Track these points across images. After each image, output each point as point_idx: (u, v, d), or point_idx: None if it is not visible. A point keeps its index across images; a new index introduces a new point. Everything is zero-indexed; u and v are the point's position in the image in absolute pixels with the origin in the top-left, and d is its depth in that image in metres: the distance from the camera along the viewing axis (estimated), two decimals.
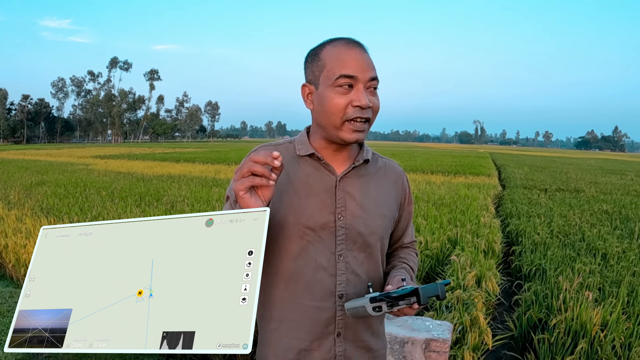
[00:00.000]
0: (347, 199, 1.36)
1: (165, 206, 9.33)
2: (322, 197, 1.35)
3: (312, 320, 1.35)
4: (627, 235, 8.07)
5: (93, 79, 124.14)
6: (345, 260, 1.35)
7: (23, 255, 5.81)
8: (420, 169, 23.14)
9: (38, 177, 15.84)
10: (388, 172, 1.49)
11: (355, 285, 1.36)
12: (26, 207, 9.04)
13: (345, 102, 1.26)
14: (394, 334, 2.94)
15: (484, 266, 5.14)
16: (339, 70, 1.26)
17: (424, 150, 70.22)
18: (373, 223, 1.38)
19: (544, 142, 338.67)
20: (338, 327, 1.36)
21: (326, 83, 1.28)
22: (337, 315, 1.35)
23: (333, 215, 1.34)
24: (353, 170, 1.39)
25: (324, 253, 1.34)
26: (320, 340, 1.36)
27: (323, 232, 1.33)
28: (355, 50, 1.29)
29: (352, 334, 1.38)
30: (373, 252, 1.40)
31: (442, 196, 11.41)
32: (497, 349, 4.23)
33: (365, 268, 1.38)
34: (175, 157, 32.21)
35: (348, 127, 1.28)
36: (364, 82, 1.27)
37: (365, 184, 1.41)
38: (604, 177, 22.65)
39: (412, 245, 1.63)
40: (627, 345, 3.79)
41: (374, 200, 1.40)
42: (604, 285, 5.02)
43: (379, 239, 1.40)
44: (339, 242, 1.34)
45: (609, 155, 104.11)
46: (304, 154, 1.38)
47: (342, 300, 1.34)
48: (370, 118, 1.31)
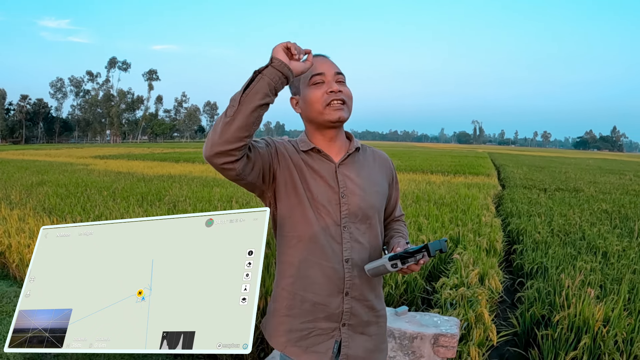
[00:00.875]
0: (346, 181, 1.65)
1: (167, 206, 9.33)
2: (327, 180, 1.63)
3: (326, 278, 1.60)
4: (626, 234, 8.11)
5: (92, 79, 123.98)
6: (349, 230, 1.62)
7: (27, 255, 5.79)
8: (420, 169, 23.12)
9: (38, 177, 15.82)
10: (376, 158, 1.81)
11: (359, 251, 1.63)
12: (28, 207, 9.02)
13: (322, 92, 1.60)
14: (403, 330, 2.98)
15: (486, 264, 5.18)
16: (311, 73, 1.60)
17: (422, 150, 70.17)
18: (370, 198, 1.67)
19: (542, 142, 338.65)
20: (347, 287, 1.62)
21: (305, 85, 1.63)
22: (345, 276, 1.61)
23: (337, 194, 1.62)
24: (348, 157, 1.70)
25: (332, 225, 1.61)
26: (332, 297, 1.61)
27: (330, 207, 1.61)
28: (321, 58, 1.64)
29: (359, 294, 1.64)
30: (372, 222, 1.68)
31: (442, 196, 11.43)
32: (502, 345, 4.27)
33: (367, 237, 1.66)
34: (175, 157, 32.17)
35: (329, 109, 1.59)
36: (332, 76, 1.61)
37: (360, 168, 1.71)
38: (603, 177, 22.66)
39: (402, 218, 1.95)
40: (629, 340, 3.83)
41: (368, 180, 1.70)
42: (605, 283, 5.05)
43: (376, 211, 1.70)
44: (343, 216, 1.62)
45: (607, 155, 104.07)
46: (306, 149, 1.67)
47: (349, 264, 1.61)
48: (346, 101, 1.61)
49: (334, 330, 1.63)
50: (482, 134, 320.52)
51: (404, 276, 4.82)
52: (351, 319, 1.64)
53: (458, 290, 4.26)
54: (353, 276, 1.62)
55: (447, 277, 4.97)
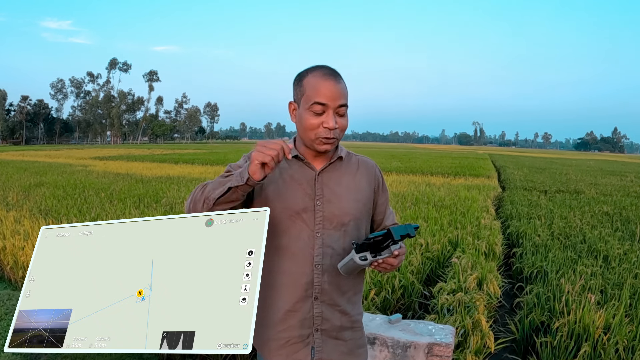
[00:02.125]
0: (324, 188, 1.68)
1: (164, 207, 9.29)
2: (304, 187, 1.66)
3: (295, 285, 1.63)
4: (628, 237, 8.04)
5: (92, 80, 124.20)
6: (322, 236, 1.64)
7: (21, 257, 5.77)
8: (420, 171, 23.13)
9: (37, 179, 15.81)
10: (361, 166, 1.79)
11: (331, 256, 1.65)
12: (24, 209, 9.01)
13: (318, 123, 1.58)
14: (396, 339, 2.91)
15: (485, 268, 5.11)
16: (314, 98, 1.57)
17: (423, 151, 70.22)
18: (346, 205, 1.68)
19: (543, 143, 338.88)
20: (315, 291, 1.63)
21: (304, 106, 1.60)
22: (314, 281, 1.63)
23: (313, 201, 1.65)
24: (330, 166, 1.72)
25: (306, 230, 1.63)
26: (302, 302, 1.63)
27: (305, 214, 1.64)
28: (330, 81, 1.58)
29: (328, 298, 1.66)
30: (348, 230, 1.68)
31: (442, 198, 11.39)
32: (500, 352, 4.19)
33: (340, 243, 1.66)
34: (174, 159, 32.18)
35: (320, 141, 1.61)
36: (334, 108, 1.58)
37: (340, 176, 1.73)
38: (604, 179, 22.63)
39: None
40: (630, 348, 3.76)
41: (347, 188, 1.71)
42: (606, 288, 4.98)
43: (353, 218, 1.69)
44: (317, 222, 1.64)
45: (608, 156, 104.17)
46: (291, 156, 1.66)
47: (318, 269, 1.63)
48: (338, 136, 1.62)
49: (309, 337, 1.65)
50: (483, 135, 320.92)
51: (401, 280, 4.75)
52: (323, 323, 1.66)
53: (455, 295, 4.19)
54: (322, 281, 1.64)
55: (444, 281, 4.90)
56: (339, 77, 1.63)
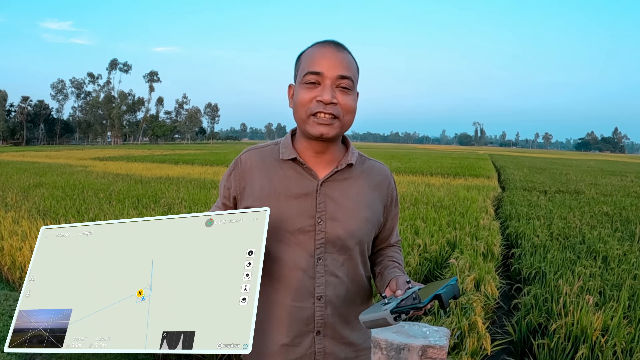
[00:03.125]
0: (327, 203, 1.37)
1: (162, 208, 9.29)
2: (301, 202, 1.36)
3: (293, 319, 1.38)
4: (627, 237, 8.02)
5: (93, 80, 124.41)
6: (324, 263, 1.37)
7: (19, 258, 5.77)
8: (420, 171, 23.11)
9: (36, 179, 15.81)
10: (373, 174, 1.49)
11: (335, 286, 1.39)
12: (23, 210, 9.01)
13: (311, 97, 1.29)
14: (390, 340, 2.89)
15: (483, 269, 5.09)
16: (307, 68, 1.31)
17: (423, 152, 70.23)
18: (353, 226, 1.39)
19: (543, 143, 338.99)
20: (317, 326, 1.39)
21: (299, 80, 1.34)
22: (316, 315, 1.38)
23: (313, 219, 1.36)
24: (335, 174, 1.40)
25: (303, 256, 1.35)
26: (301, 338, 1.39)
27: (302, 235, 1.35)
28: (328, 49, 1.32)
29: (332, 332, 1.41)
30: (352, 254, 1.41)
31: (441, 198, 11.37)
32: (497, 354, 4.17)
33: (345, 270, 1.40)
34: (174, 159, 32.18)
35: (313, 120, 1.31)
36: (331, 79, 1.29)
37: (348, 187, 1.42)
38: (604, 179, 22.61)
39: (397, 244, 1.64)
40: (628, 350, 3.74)
41: (355, 203, 1.41)
42: (604, 289, 4.96)
43: (358, 242, 1.41)
44: (318, 246, 1.36)
45: (609, 156, 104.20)
46: (287, 158, 1.40)
47: (321, 302, 1.37)
48: (339, 116, 1.32)
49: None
50: (484, 136, 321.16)
51: None
52: (326, 358, 1.42)
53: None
54: (325, 315, 1.39)
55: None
56: (342, 48, 1.35)
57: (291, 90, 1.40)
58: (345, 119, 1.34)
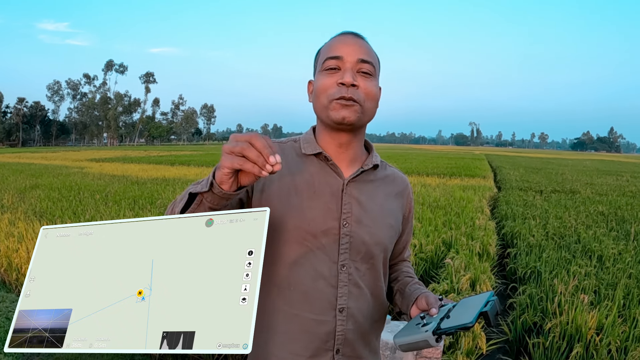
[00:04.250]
0: (353, 204, 1.27)
1: (159, 209, 9.29)
2: (326, 201, 1.26)
3: (309, 334, 1.24)
4: (623, 236, 8.06)
5: (89, 82, 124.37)
6: (348, 271, 1.25)
7: (15, 260, 5.77)
8: (416, 171, 23.13)
9: (32, 181, 15.77)
10: (396, 181, 1.42)
11: (357, 298, 1.26)
12: (19, 211, 9.00)
13: (332, 82, 1.22)
14: (384, 340, 2.90)
15: (478, 269, 5.11)
16: (327, 54, 1.25)
17: (420, 152, 70.27)
18: (379, 232, 1.29)
19: (539, 143, 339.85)
20: (337, 343, 1.25)
21: (318, 70, 1.27)
22: (337, 330, 1.24)
23: (337, 221, 1.25)
24: (362, 174, 1.32)
25: (325, 262, 1.24)
26: (317, 358, 1.25)
27: (325, 238, 1.24)
28: (348, 36, 1.27)
29: (351, 351, 1.28)
30: (375, 263, 1.31)
31: (437, 198, 11.39)
32: (492, 353, 4.19)
33: (367, 280, 1.29)
34: (171, 160, 32.13)
35: (334, 105, 1.22)
36: (352, 63, 1.23)
37: (374, 189, 1.33)
38: (600, 178, 22.68)
39: (408, 259, 1.56)
40: (622, 349, 3.76)
41: (381, 208, 1.32)
42: (599, 288, 4.99)
43: (383, 249, 1.31)
44: (342, 251, 1.25)
45: (604, 156, 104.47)
46: (310, 153, 1.30)
47: (343, 315, 1.24)
48: (360, 101, 1.23)
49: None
50: (480, 136, 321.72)
51: None
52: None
53: (448, 296, 4.19)
54: (347, 330, 1.25)
55: (438, 282, 4.90)
56: (362, 37, 1.29)
57: (311, 87, 1.33)
58: (367, 106, 1.25)
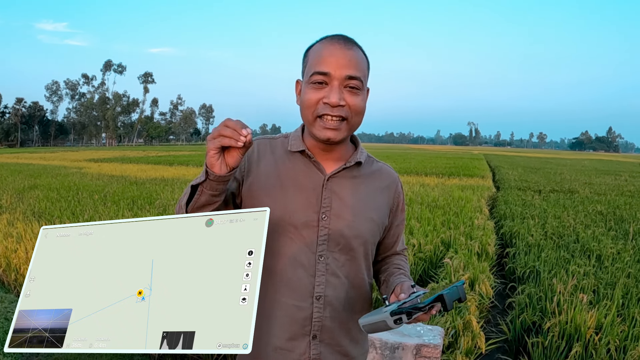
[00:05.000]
0: (333, 199, 1.35)
1: (157, 209, 9.27)
2: (308, 195, 1.33)
3: (289, 319, 1.33)
4: (621, 236, 8.06)
5: (87, 82, 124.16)
6: (326, 261, 1.33)
7: (14, 260, 5.75)
8: (414, 171, 23.13)
9: (31, 181, 15.74)
10: (382, 176, 1.47)
11: (335, 287, 1.35)
12: (18, 211, 8.98)
13: (317, 98, 1.25)
14: (384, 340, 2.90)
15: (477, 269, 5.11)
16: (314, 67, 1.26)
17: (418, 152, 70.31)
18: (358, 225, 1.36)
19: (538, 143, 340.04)
20: (314, 329, 1.34)
21: (305, 79, 1.30)
22: (314, 316, 1.33)
23: (317, 214, 1.33)
24: (344, 170, 1.38)
25: (305, 252, 1.32)
26: (295, 341, 1.34)
27: (305, 230, 1.32)
28: (337, 46, 1.26)
29: (329, 338, 1.36)
30: (356, 255, 1.37)
31: (435, 198, 11.39)
32: (491, 353, 4.19)
33: (346, 270, 1.36)
34: (169, 160, 32.10)
35: (319, 123, 1.28)
36: (339, 80, 1.24)
37: (356, 185, 1.39)
38: (598, 178, 22.71)
39: (404, 252, 1.61)
40: (622, 348, 3.77)
41: (362, 202, 1.38)
42: (598, 287, 4.99)
43: (363, 242, 1.38)
44: (320, 242, 1.33)
45: (603, 156, 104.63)
46: (295, 150, 1.37)
47: (320, 302, 1.33)
48: (348, 117, 1.28)
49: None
50: (478, 136, 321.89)
51: None
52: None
53: None
54: (324, 317, 1.34)
55: (436, 282, 4.90)
56: (352, 44, 1.29)
57: (298, 87, 1.36)
58: (354, 121, 1.31)
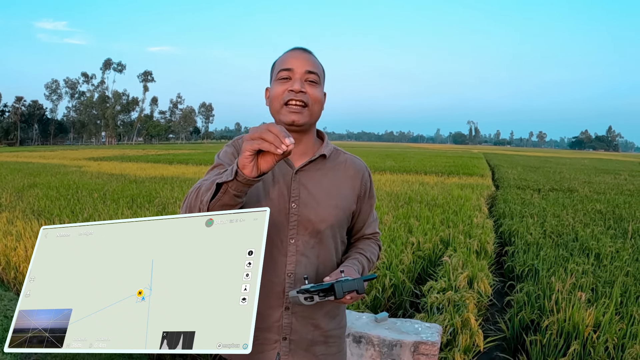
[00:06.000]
0: (301, 189, 1.55)
1: (157, 208, 9.28)
2: (280, 187, 1.54)
3: (266, 290, 1.52)
4: (620, 235, 8.07)
5: (87, 80, 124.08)
6: (296, 243, 1.53)
7: (13, 258, 5.75)
8: (414, 170, 23.15)
9: (30, 179, 15.75)
10: (348, 167, 1.66)
11: (305, 265, 1.54)
12: (17, 210, 8.99)
13: (283, 89, 1.51)
14: (382, 337, 2.91)
15: (476, 267, 5.12)
16: (280, 67, 1.53)
17: (418, 151, 70.28)
18: (323, 212, 1.55)
19: (537, 142, 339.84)
20: (286, 302, 1.54)
21: (273, 79, 1.56)
22: (285, 290, 1.53)
23: (287, 203, 1.53)
24: (310, 164, 1.59)
25: (279, 235, 1.53)
26: (272, 310, 1.55)
27: (279, 216, 1.52)
28: (298, 52, 1.55)
29: (301, 310, 1.56)
30: (323, 238, 1.57)
31: (435, 197, 11.40)
32: (490, 351, 4.20)
33: (315, 252, 1.56)
34: (169, 159, 32.11)
35: (285, 109, 1.50)
36: (300, 74, 1.51)
37: (321, 176, 1.59)
38: (598, 177, 22.71)
39: (374, 237, 1.78)
40: (620, 346, 3.77)
41: (326, 191, 1.58)
42: (597, 286, 5.00)
43: (329, 226, 1.57)
44: (291, 227, 1.53)
45: (602, 155, 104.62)
46: None
47: (291, 279, 1.53)
48: (308, 104, 1.51)
49: (276, 342, 1.57)
50: (478, 135, 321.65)
51: (392, 279, 4.76)
52: (292, 334, 1.56)
53: (445, 294, 4.19)
54: None
55: (435, 280, 4.90)
56: (309, 52, 1.57)
57: (267, 93, 1.60)
58: (314, 108, 1.54)
